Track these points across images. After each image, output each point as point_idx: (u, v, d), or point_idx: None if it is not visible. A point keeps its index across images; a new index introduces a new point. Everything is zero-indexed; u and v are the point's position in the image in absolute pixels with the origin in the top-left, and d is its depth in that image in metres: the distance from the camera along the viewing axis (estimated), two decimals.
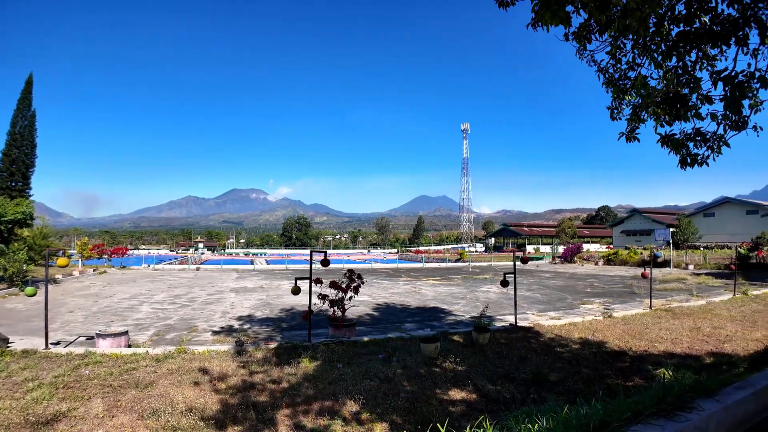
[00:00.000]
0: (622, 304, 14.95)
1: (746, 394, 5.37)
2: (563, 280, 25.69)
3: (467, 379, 6.69)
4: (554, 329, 10.46)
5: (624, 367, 7.59)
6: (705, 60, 5.80)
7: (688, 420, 4.32)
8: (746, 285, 19.21)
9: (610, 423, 3.85)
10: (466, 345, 8.82)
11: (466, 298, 17.45)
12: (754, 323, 11.19)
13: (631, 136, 6.19)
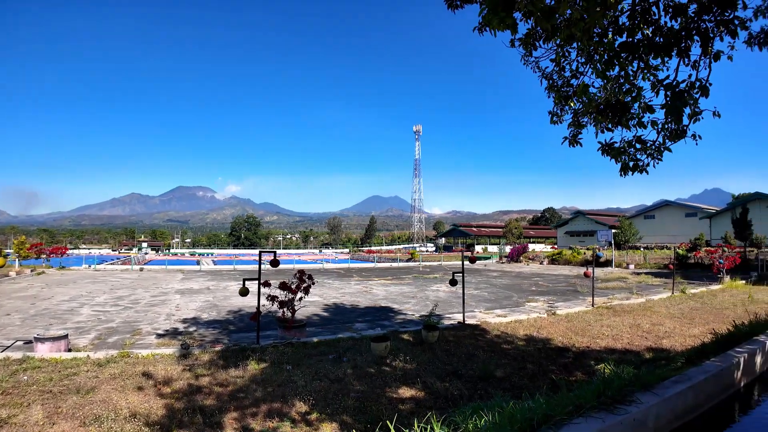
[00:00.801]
0: (565, 302, 15.46)
1: (683, 388, 5.67)
2: (510, 279, 26.34)
3: (417, 377, 6.78)
4: (501, 326, 10.72)
5: (567, 362, 7.87)
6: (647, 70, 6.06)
7: (628, 413, 4.52)
8: (684, 284, 20.22)
9: (553, 417, 3.99)
10: (415, 343, 8.93)
11: (416, 297, 17.63)
12: (692, 320, 11.79)
13: (574, 140, 6.41)
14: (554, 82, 6.56)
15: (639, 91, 5.87)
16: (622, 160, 5.89)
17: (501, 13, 4.43)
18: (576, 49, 6.35)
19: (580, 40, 5.32)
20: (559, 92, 6.40)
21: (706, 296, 16.72)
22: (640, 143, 5.93)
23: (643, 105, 5.58)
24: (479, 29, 5.69)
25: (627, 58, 5.71)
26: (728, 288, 19.47)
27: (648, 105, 5.62)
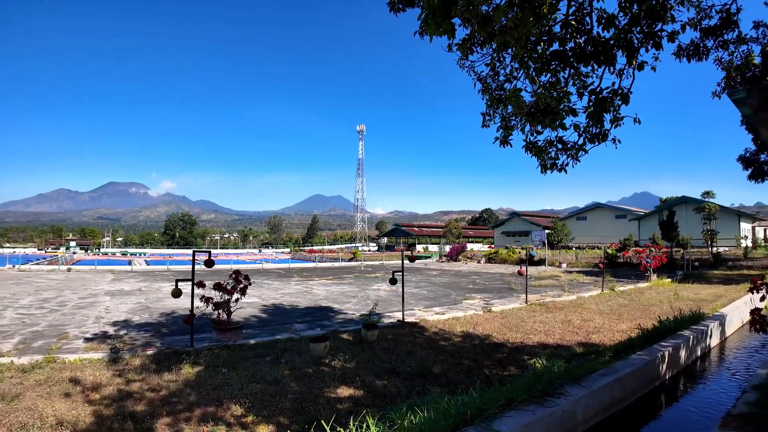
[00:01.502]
0: (501, 300, 15.89)
1: (610, 381, 5.96)
2: (449, 278, 26.82)
3: (355, 376, 6.79)
4: (439, 324, 10.90)
5: (502, 357, 8.10)
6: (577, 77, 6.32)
7: (557, 405, 4.71)
8: (614, 282, 21.20)
9: (486, 410, 4.10)
10: (355, 342, 8.94)
11: (357, 296, 17.65)
12: (620, 316, 12.37)
13: (504, 141, 6.60)
14: (488, 85, 6.73)
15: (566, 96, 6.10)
16: (543, 159, 6.11)
17: (438, 18, 4.51)
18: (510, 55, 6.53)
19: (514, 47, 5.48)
20: (492, 95, 6.57)
21: (634, 293, 17.59)
22: (561, 143, 6.18)
23: (567, 108, 5.80)
24: (420, 33, 5.76)
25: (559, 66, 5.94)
26: (655, 286, 20.54)
27: (572, 108, 5.86)
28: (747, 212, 63.50)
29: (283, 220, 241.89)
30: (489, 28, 4.70)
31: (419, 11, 4.81)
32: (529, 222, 76.42)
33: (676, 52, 10.00)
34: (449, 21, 4.60)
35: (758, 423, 4.79)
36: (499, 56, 6.66)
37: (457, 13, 4.48)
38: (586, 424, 5.34)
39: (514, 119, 6.53)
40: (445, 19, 4.53)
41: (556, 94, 6.06)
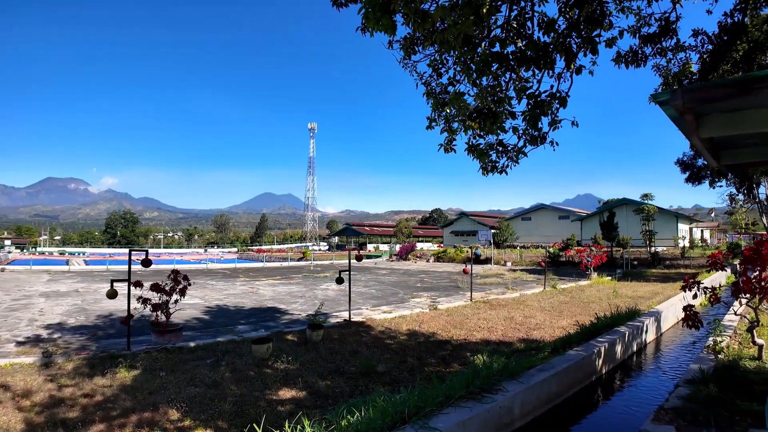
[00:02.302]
0: (447, 298, 16.10)
1: (548, 376, 6.09)
2: (397, 277, 26.97)
3: (298, 377, 6.70)
4: (385, 322, 10.92)
5: (446, 355, 8.19)
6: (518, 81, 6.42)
7: (494, 400, 4.77)
8: (556, 280, 21.82)
9: (424, 408, 4.11)
10: (300, 343, 8.83)
11: (305, 296, 17.46)
12: (561, 313, 12.73)
13: (448, 147, 6.63)
14: (432, 88, 6.76)
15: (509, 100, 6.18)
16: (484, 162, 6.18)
17: (378, 12, 4.48)
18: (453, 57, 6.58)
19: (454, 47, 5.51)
20: (436, 98, 6.59)
21: (574, 291, 18.18)
22: (501, 146, 6.27)
23: (506, 112, 5.88)
24: (362, 29, 5.71)
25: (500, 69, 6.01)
26: (595, 283, 21.29)
27: (512, 112, 5.95)
28: (685, 214, 66.95)
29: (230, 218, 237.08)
30: (428, 26, 4.70)
31: (360, 6, 4.77)
32: (476, 222, 77.75)
33: (615, 58, 10.31)
34: (389, 17, 4.58)
35: (690, 417, 4.98)
36: (442, 58, 6.69)
37: (396, 8, 4.46)
38: (524, 419, 5.45)
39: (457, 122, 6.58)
40: (384, 14, 4.50)
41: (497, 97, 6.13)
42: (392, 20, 4.60)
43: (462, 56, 6.01)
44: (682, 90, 2.46)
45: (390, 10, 4.56)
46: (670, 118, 2.81)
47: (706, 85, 2.55)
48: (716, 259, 7.94)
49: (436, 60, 6.71)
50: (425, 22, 4.63)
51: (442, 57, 6.68)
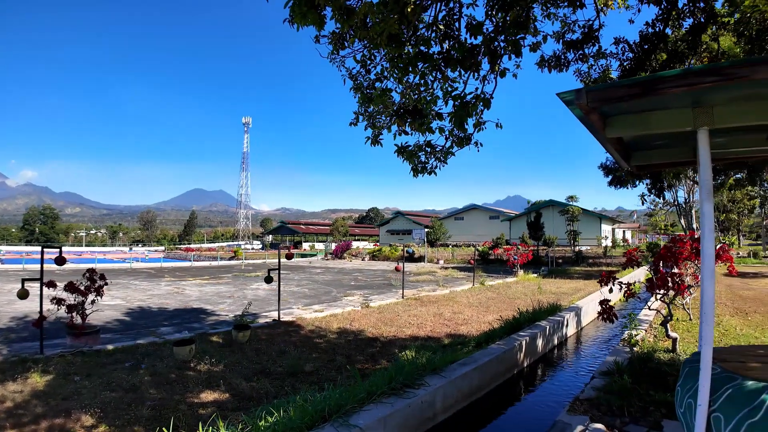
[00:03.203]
0: (379, 295, 16.18)
1: (469, 369, 6.21)
2: (332, 275, 26.84)
3: (222, 380, 6.52)
4: (316, 321, 10.83)
5: (375, 352, 8.21)
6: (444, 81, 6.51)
7: (416, 395, 4.81)
8: (484, 277, 22.40)
9: (345, 405, 4.09)
10: (225, 345, 8.59)
11: (233, 296, 17.02)
12: (487, 308, 13.07)
13: (375, 140, 6.65)
14: (360, 83, 6.75)
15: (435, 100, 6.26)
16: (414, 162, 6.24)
17: (303, 7, 4.41)
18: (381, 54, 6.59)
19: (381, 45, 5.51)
20: (363, 93, 6.59)
21: (501, 287, 18.74)
22: (430, 147, 6.34)
23: (434, 113, 5.96)
24: (289, 21, 5.61)
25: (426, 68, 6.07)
26: (522, 280, 22.04)
27: (438, 113, 6.03)
28: (608, 215, 70.91)
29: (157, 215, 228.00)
30: (353, 22, 4.68)
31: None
32: (412, 221, 78.69)
33: (539, 62, 10.68)
34: (315, 12, 4.52)
35: (605, 407, 5.21)
36: (371, 53, 6.70)
37: (321, 3, 4.40)
38: (446, 413, 5.54)
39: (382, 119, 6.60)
40: (310, 9, 4.43)
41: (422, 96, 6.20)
42: (319, 15, 4.54)
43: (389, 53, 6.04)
44: (586, 90, 2.54)
45: (315, 5, 4.50)
46: (578, 118, 2.91)
47: (610, 85, 2.65)
48: (632, 256, 8.41)
49: (364, 56, 6.71)
50: (350, 18, 4.60)
51: (370, 53, 6.68)
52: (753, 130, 3.78)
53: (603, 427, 4.64)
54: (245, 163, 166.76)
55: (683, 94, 2.76)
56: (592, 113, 2.83)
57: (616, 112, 3.10)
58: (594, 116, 2.89)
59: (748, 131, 3.82)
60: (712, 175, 3.03)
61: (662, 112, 3.09)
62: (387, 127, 6.63)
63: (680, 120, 3.01)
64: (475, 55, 6.34)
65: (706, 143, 2.93)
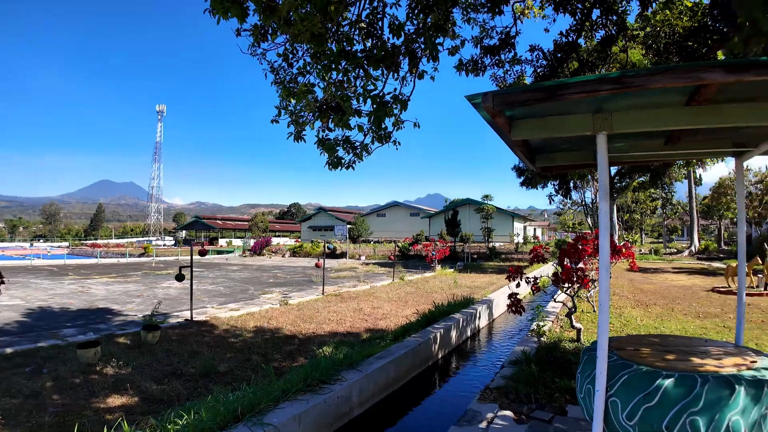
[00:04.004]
0: (299, 292, 16.03)
1: (385, 363, 6.31)
2: (250, 272, 26.25)
3: (130, 383, 6.23)
4: (231, 320, 10.57)
5: (293, 349, 8.14)
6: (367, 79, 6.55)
7: (332, 391, 4.83)
8: (404, 272, 22.77)
9: (259, 404, 4.04)
10: (133, 346, 8.20)
11: (143, 295, 16.23)
12: (406, 302, 13.30)
13: (298, 136, 6.60)
14: (282, 77, 6.66)
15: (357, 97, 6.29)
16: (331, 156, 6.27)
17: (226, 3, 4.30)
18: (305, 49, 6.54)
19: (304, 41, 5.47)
20: (286, 88, 6.51)
21: (420, 282, 19.15)
22: (348, 143, 6.39)
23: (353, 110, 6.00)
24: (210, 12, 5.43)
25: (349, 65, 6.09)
26: (439, 275, 22.62)
27: (357, 110, 6.07)
28: (521, 214, 74.64)
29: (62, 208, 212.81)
30: (276, 18, 4.61)
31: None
32: (334, 217, 78.55)
33: (457, 66, 10.98)
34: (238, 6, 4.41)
35: (513, 395, 5.47)
36: (293, 48, 6.62)
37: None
38: (363, 407, 5.61)
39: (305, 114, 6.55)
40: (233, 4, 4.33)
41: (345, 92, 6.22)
42: (241, 9, 4.43)
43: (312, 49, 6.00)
44: (493, 93, 2.66)
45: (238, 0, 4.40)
46: (485, 120, 3.03)
47: (516, 89, 2.79)
48: (537, 253, 8.87)
49: (287, 50, 6.62)
50: (273, 14, 4.53)
51: (293, 47, 6.61)
52: (651, 136, 4.12)
53: (511, 414, 4.88)
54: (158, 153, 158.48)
55: (585, 100, 2.96)
56: (499, 116, 2.96)
57: (522, 115, 3.27)
58: (500, 119, 3.03)
59: (647, 137, 4.15)
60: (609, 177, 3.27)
61: (565, 117, 3.29)
62: (310, 123, 6.59)
63: (581, 125, 3.22)
64: (396, 55, 6.44)
65: (604, 147, 3.16)
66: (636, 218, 68.74)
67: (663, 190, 54.64)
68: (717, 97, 3.00)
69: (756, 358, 3.36)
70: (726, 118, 3.09)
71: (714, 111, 3.09)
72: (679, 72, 2.53)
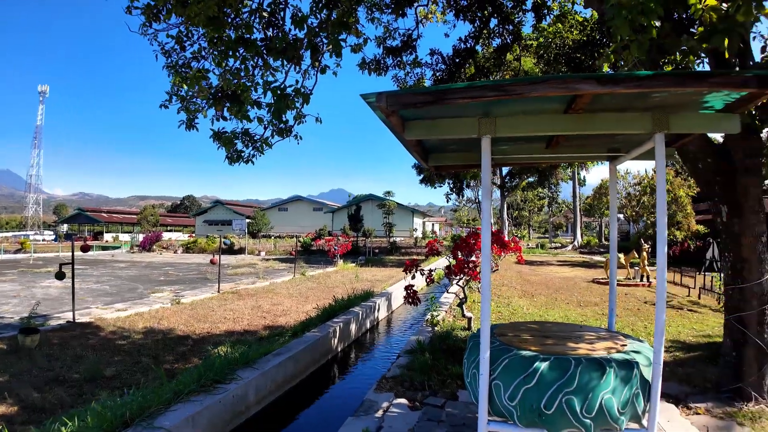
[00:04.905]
0: (193, 290, 15.43)
1: (283, 359, 6.30)
2: (138, 270, 24.82)
3: (8, 391, 5.72)
4: (119, 321, 9.98)
5: (186, 350, 7.86)
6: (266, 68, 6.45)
7: (227, 390, 4.76)
8: (305, 267, 22.61)
9: (150, 408, 3.90)
10: (10, 351, 7.51)
11: (20, 296, 14.85)
12: (307, 298, 13.23)
13: (190, 125, 6.38)
14: (175, 61, 6.40)
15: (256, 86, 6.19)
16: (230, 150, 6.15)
17: None
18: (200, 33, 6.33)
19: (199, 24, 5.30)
20: (178, 73, 6.26)
21: (321, 277, 19.14)
22: (247, 136, 6.28)
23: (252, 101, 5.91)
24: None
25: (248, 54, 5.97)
26: (341, 270, 22.72)
27: (257, 101, 5.99)
28: (420, 210, 77.12)
29: None
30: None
31: None
32: (232, 211, 76.22)
33: (360, 64, 11.12)
34: None
35: (408, 383, 5.69)
36: (188, 31, 6.38)
37: None
38: (260, 405, 5.57)
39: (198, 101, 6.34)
40: None
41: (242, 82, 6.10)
42: None
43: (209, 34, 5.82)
44: (386, 94, 2.78)
45: None
46: (380, 119, 3.15)
47: (408, 91, 2.93)
48: (432, 247, 9.24)
49: (181, 32, 6.37)
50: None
51: (188, 30, 6.36)
52: (534, 140, 4.45)
53: (406, 402, 5.08)
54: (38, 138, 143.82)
55: (473, 104, 3.16)
56: (392, 116, 3.09)
57: (414, 116, 3.42)
58: (394, 119, 3.15)
59: (530, 140, 4.48)
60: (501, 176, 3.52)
61: (455, 120, 3.49)
62: (203, 111, 6.37)
63: (469, 128, 3.43)
64: (298, 47, 6.41)
65: (488, 150, 3.39)
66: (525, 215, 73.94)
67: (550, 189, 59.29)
68: (592, 106, 3.32)
69: (626, 341, 3.75)
70: (599, 125, 3.43)
71: (588, 119, 3.41)
72: (557, 82, 2.78)
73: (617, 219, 25.84)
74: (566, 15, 12.85)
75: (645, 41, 3.54)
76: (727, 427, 4.47)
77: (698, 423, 4.56)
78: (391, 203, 46.33)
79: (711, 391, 5.39)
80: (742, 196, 5.02)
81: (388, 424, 4.42)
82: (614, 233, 5.03)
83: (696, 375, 6.05)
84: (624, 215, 31.90)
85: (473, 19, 12.05)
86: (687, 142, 4.54)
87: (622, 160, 4.72)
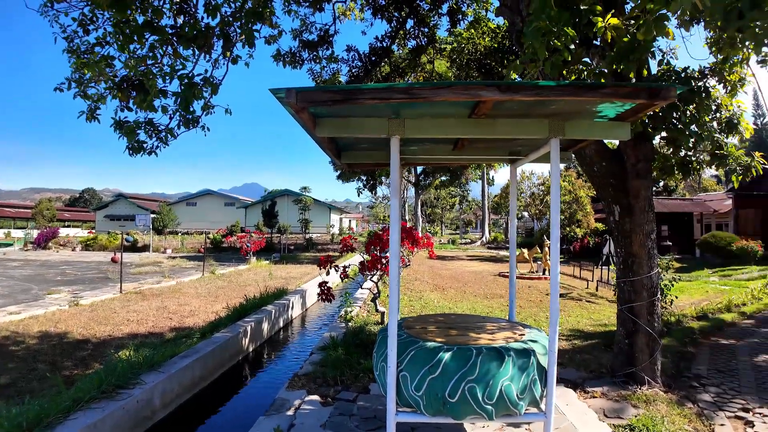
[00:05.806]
0: (93, 291, 14.51)
1: (191, 361, 6.12)
2: (33, 269, 22.98)
3: None
4: (11, 326, 9.23)
5: (86, 355, 7.42)
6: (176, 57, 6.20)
7: (131, 396, 4.58)
8: (215, 266, 21.87)
9: (47, 417, 3.68)
10: None
11: None
12: (216, 297, 12.85)
13: (92, 115, 6.04)
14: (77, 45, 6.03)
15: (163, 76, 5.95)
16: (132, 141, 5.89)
17: None
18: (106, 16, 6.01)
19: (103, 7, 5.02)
20: (79, 58, 5.90)
21: (233, 275, 18.66)
22: (151, 126, 6.05)
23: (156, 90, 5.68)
24: None
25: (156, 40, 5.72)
26: (254, 267, 22.24)
27: (163, 90, 5.77)
28: (337, 206, 76.91)
29: None
30: None
31: None
32: (136, 206, 72.38)
33: (275, 56, 10.94)
34: None
35: (321, 379, 5.71)
36: (93, 15, 6.03)
37: None
38: (167, 409, 5.39)
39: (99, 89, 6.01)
40: None
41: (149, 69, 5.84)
42: None
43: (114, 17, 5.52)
44: (296, 90, 2.80)
45: None
46: (291, 115, 3.17)
47: (318, 89, 2.98)
48: (347, 243, 9.32)
49: (84, 15, 5.99)
50: None
51: (93, 12, 6.00)
52: (441, 142, 4.62)
53: (318, 398, 5.11)
54: None
55: (384, 105, 3.26)
56: (303, 112, 3.11)
57: (326, 114, 3.46)
58: (305, 115, 3.18)
59: (437, 142, 4.65)
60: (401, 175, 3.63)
61: (365, 119, 3.57)
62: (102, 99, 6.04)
63: (378, 128, 3.53)
64: (210, 36, 6.24)
65: (396, 149, 3.50)
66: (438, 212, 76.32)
67: (461, 188, 61.53)
68: (494, 111, 3.50)
69: (525, 331, 4.00)
70: (500, 130, 3.63)
71: (490, 124, 3.61)
72: (460, 89, 2.93)
73: (522, 216, 27.25)
74: (480, 21, 13.36)
75: (558, 61, 3.79)
76: (622, 409, 4.88)
77: (595, 406, 4.95)
78: (308, 199, 45.82)
79: (606, 376, 5.87)
80: (633, 197, 5.51)
81: (300, 421, 4.44)
82: (514, 231, 5.35)
83: (593, 361, 6.56)
84: (528, 213, 33.71)
85: (390, 19, 12.24)
86: (583, 147, 4.92)
87: (521, 163, 5.03)
